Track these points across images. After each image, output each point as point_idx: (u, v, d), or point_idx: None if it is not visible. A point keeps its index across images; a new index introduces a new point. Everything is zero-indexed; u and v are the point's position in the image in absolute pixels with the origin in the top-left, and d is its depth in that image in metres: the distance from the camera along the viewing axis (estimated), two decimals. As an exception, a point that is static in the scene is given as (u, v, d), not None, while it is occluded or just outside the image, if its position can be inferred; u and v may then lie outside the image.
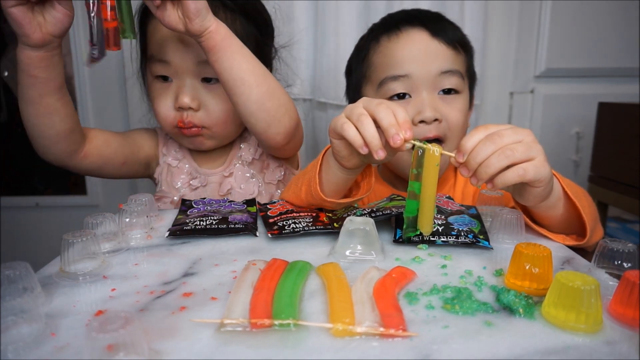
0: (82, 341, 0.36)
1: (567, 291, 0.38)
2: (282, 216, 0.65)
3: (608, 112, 1.31)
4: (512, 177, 0.52)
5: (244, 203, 0.73)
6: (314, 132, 1.36)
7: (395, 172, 0.86)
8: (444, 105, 0.78)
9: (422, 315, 0.40)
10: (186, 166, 0.88)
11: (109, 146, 0.82)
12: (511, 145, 0.52)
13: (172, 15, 0.65)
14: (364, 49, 0.86)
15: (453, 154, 0.54)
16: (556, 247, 0.58)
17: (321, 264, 0.49)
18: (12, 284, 0.40)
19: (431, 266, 0.51)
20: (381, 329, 0.37)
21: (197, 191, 0.86)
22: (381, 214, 0.61)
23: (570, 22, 1.38)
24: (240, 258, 0.53)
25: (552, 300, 0.39)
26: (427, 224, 0.54)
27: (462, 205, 0.67)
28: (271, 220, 0.64)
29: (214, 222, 0.62)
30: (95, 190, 1.49)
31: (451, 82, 0.78)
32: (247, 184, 0.86)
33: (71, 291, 0.46)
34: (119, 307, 0.42)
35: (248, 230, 0.61)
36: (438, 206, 0.64)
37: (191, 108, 0.79)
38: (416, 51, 0.78)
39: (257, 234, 0.61)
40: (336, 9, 1.23)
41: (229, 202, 0.72)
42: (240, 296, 0.41)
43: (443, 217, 0.61)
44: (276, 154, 0.88)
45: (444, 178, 0.86)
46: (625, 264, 0.47)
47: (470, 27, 1.25)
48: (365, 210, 0.63)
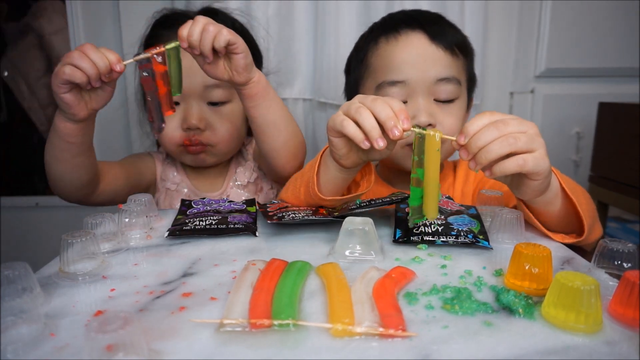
0: (81, 341, 0.36)
1: (567, 291, 0.38)
2: (282, 210, 0.66)
3: (608, 112, 1.30)
4: (511, 166, 0.52)
5: (243, 203, 0.73)
6: (314, 132, 1.36)
7: (395, 167, 0.85)
8: (440, 112, 0.78)
9: (422, 315, 0.40)
10: (185, 190, 0.93)
11: (118, 180, 0.85)
12: (515, 134, 0.52)
13: (220, 68, 0.67)
14: (363, 49, 0.86)
15: (454, 138, 0.54)
16: (556, 247, 0.58)
17: (321, 264, 0.49)
18: (12, 284, 0.40)
19: (431, 266, 0.51)
20: (381, 329, 0.37)
21: None
22: (380, 201, 0.61)
23: (570, 22, 1.38)
24: (239, 258, 0.53)
25: (552, 300, 0.39)
26: (432, 209, 0.54)
27: (462, 205, 0.67)
28: (271, 213, 0.64)
29: (214, 222, 0.62)
30: (95, 191, 1.48)
31: (447, 90, 0.78)
32: None
33: (70, 291, 0.46)
34: (118, 307, 0.42)
35: (248, 231, 0.61)
36: (438, 206, 0.64)
37: (198, 128, 0.84)
38: (414, 56, 0.78)
39: (257, 234, 0.61)
40: (336, 9, 1.23)
41: (228, 202, 0.72)
42: (239, 296, 0.41)
43: (443, 217, 0.61)
44: (280, 180, 0.90)
45: (443, 175, 0.86)
46: (625, 264, 0.47)
47: (470, 27, 1.25)
48: (364, 201, 0.64)
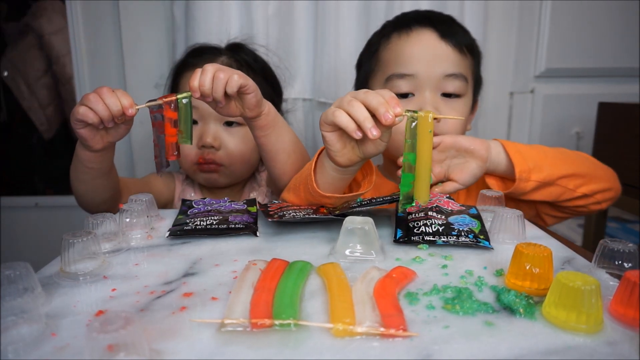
0: (82, 341, 0.36)
1: (568, 291, 0.38)
2: (282, 209, 0.66)
3: (608, 112, 1.30)
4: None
5: (244, 203, 0.73)
6: (314, 132, 1.36)
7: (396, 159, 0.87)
8: (445, 107, 0.81)
9: (423, 315, 0.40)
10: None
11: None
12: None
13: (232, 107, 0.69)
14: (375, 44, 0.89)
15: (449, 116, 0.56)
16: (556, 247, 0.58)
17: (321, 264, 0.49)
18: (12, 284, 0.40)
19: (431, 266, 0.51)
20: (382, 329, 0.37)
21: None
22: (381, 199, 0.62)
23: (570, 22, 1.38)
24: (240, 258, 0.53)
25: (553, 300, 0.39)
26: (424, 193, 0.54)
27: (462, 205, 0.67)
28: (271, 212, 0.64)
29: (215, 222, 0.62)
30: (95, 191, 1.48)
31: (454, 85, 0.81)
32: None
33: (71, 291, 0.46)
34: (119, 307, 0.42)
35: (248, 230, 0.61)
36: (438, 206, 0.64)
37: (213, 147, 0.89)
38: (424, 51, 0.81)
39: (258, 234, 0.61)
40: (336, 9, 1.23)
41: (229, 202, 0.72)
42: (240, 296, 0.41)
43: (443, 217, 0.61)
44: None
45: None
46: (625, 264, 0.47)
47: (470, 27, 1.23)
48: (365, 199, 0.64)
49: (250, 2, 1.21)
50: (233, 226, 0.61)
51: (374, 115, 0.56)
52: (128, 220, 0.61)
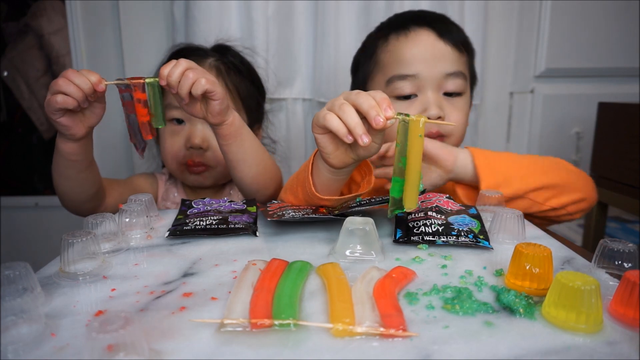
0: (82, 341, 0.36)
1: (568, 291, 0.38)
2: (282, 208, 0.66)
3: (608, 112, 1.30)
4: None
5: (244, 203, 0.73)
6: (313, 132, 1.36)
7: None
8: (448, 105, 0.81)
9: (422, 315, 0.40)
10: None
11: (123, 195, 0.88)
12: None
13: (196, 107, 0.70)
14: (371, 46, 0.88)
15: (440, 122, 0.56)
16: (556, 247, 0.58)
17: (321, 264, 0.49)
18: (12, 284, 0.40)
19: (431, 266, 0.51)
20: (381, 329, 0.37)
21: None
22: (381, 199, 0.62)
23: (570, 22, 1.38)
24: (240, 258, 0.53)
25: (553, 300, 0.39)
26: (412, 199, 0.53)
27: (462, 205, 0.67)
28: (271, 212, 0.64)
29: (214, 222, 0.62)
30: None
31: (455, 84, 0.82)
32: None
33: (71, 291, 0.46)
34: (119, 307, 0.42)
35: (248, 230, 0.61)
36: (438, 206, 0.64)
37: (201, 148, 0.88)
38: (424, 51, 0.81)
39: (257, 234, 0.61)
40: (336, 9, 1.23)
41: (229, 202, 0.72)
42: (240, 296, 0.41)
43: (443, 217, 0.61)
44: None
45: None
46: (625, 264, 0.47)
47: (470, 27, 1.25)
48: (364, 200, 0.63)
49: (250, 2, 1.21)
50: (233, 226, 0.61)
51: (365, 119, 0.55)
52: (127, 220, 0.61)
